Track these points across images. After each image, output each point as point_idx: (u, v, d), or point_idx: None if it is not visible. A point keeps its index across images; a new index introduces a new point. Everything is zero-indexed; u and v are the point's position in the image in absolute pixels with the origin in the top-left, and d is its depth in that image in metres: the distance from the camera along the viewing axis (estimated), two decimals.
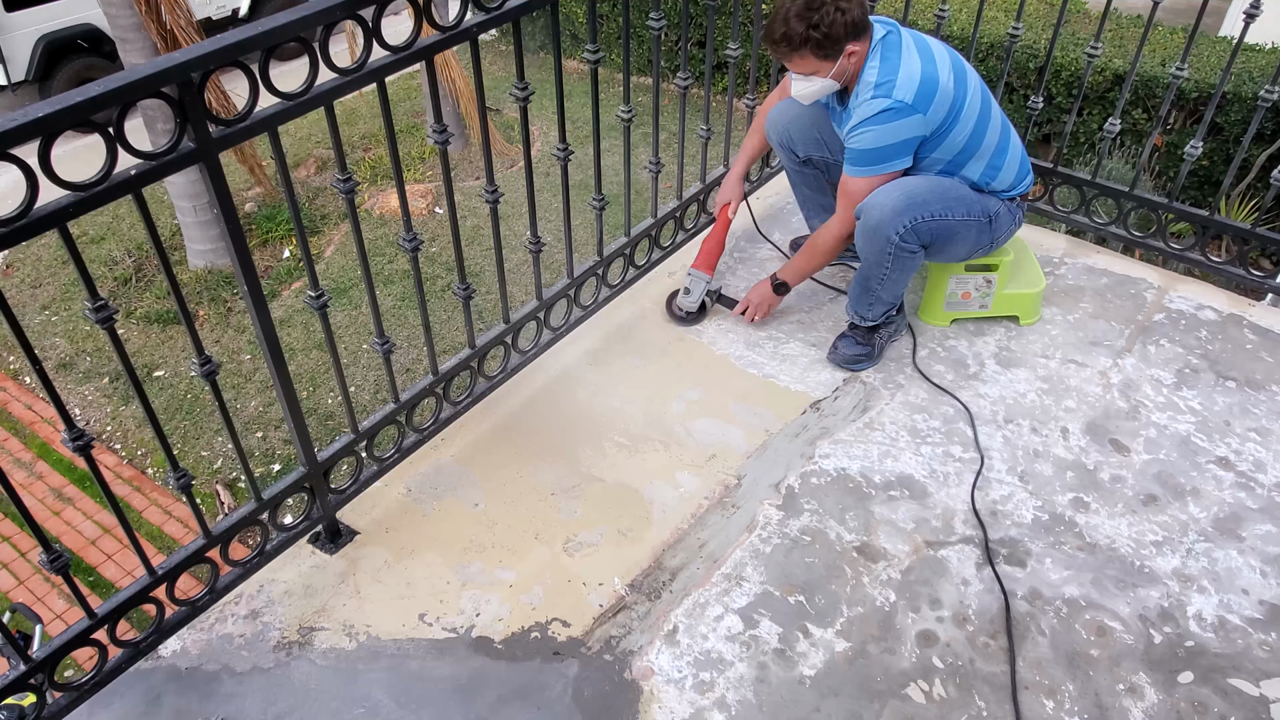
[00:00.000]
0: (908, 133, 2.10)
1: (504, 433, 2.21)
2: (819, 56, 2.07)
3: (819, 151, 2.47)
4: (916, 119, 2.08)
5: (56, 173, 1.24)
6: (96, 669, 1.62)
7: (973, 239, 2.28)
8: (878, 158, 2.14)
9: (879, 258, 2.21)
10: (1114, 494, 2.05)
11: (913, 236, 2.17)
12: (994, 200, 2.27)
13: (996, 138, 2.21)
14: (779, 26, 2.06)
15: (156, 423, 1.57)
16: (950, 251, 2.30)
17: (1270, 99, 2.33)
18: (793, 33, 2.04)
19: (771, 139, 2.52)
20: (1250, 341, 2.45)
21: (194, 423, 5.96)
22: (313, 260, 2.01)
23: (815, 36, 2.03)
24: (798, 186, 2.63)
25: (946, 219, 2.19)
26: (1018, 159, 2.28)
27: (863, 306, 2.33)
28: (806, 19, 2.02)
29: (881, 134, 2.10)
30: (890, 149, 2.12)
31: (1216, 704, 1.67)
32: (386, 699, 1.67)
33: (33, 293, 7.10)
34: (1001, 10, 7.20)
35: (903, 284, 2.29)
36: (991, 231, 2.29)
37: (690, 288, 2.49)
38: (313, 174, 8.15)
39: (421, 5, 1.55)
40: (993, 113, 2.20)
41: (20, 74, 8.70)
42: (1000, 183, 2.26)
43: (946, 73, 2.10)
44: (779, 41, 2.07)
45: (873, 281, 2.27)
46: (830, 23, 2.01)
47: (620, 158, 6.62)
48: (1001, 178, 2.25)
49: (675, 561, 1.91)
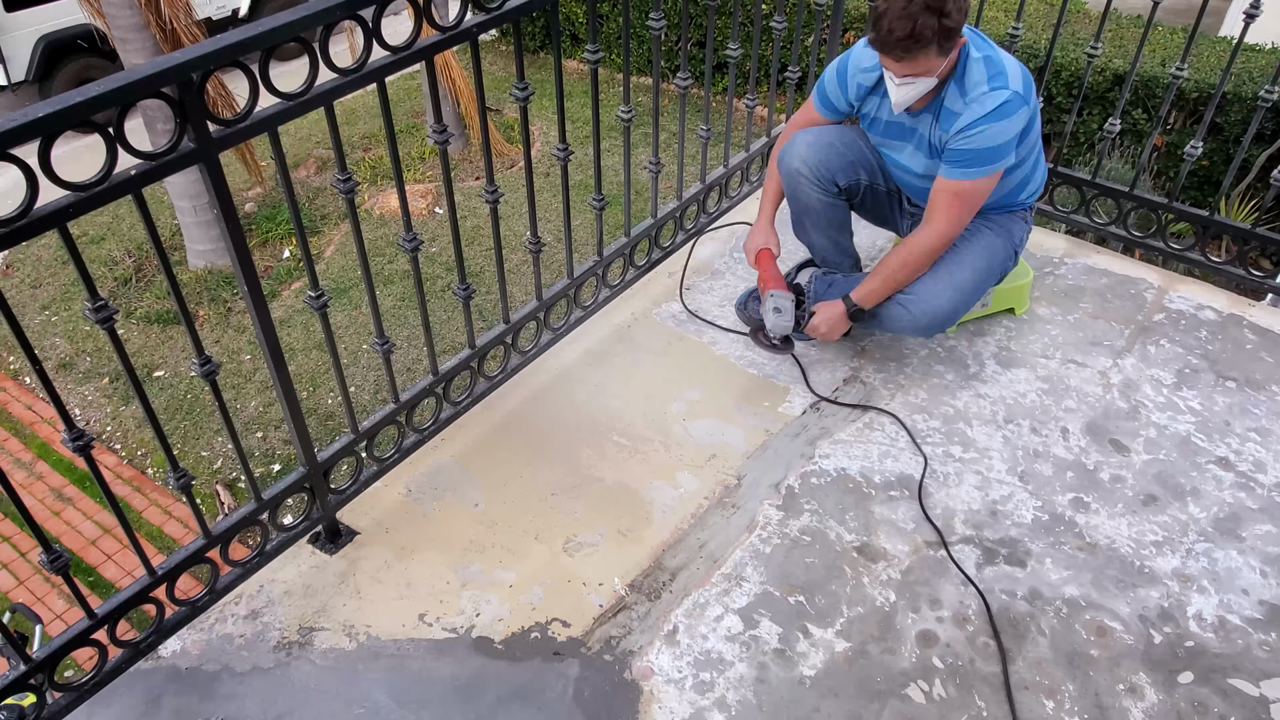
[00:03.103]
0: (1019, 125, 1.97)
1: (504, 433, 2.21)
2: (941, 51, 1.86)
3: (856, 176, 2.30)
4: (1024, 111, 1.96)
5: (56, 173, 1.24)
6: (96, 669, 1.62)
7: (1001, 276, 2.32)
8: (994, 156, 1.98)
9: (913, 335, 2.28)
10: (1114, 494, 2.05)
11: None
12: (1018, 223, 2.27)
13: (1040, 140, 2.19)
14: (901, 24, 1.80)
15: (156, 423, 1.57)
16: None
17: (1270, 99, 2.33)
18: (923, 29, 1.79)
19: (803, 174, 2.26)
20: (1250, 341, 2.45)
21: (194, 423, 5.96)
22: (313, 260, 2.01)
23: (948, 26, 1.80)
24: (824, 229, 2.38)
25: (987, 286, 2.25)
26: (1042, 167, 2.28)
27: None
28: (937, 10, 1.78)
29: (1001, 129, 1.95)
30: (1006, 145, 1.98)
31: (1216, 704, 1.67)
32: (386, 699, 1.67)
33: (33, 293, 7.10)
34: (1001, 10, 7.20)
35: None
36: (1015, 258, 2.31)
37: (780, 306, 2.19)
38: (313, 174, 8.15)
39: (421, 5, 1.55)
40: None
41: (20, 74, 8.71)
42: (1033, 189, 2.24)
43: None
44: (905, 40, 1.82)
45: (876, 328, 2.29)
46: (958, 9, 1.81)
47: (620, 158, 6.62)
48: (1036, 180, 2.24)
49: (675, 561, 1.91)
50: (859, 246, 2.55)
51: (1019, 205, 2.25)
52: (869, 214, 2.44)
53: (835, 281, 2.38)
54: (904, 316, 2.17)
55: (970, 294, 2.18)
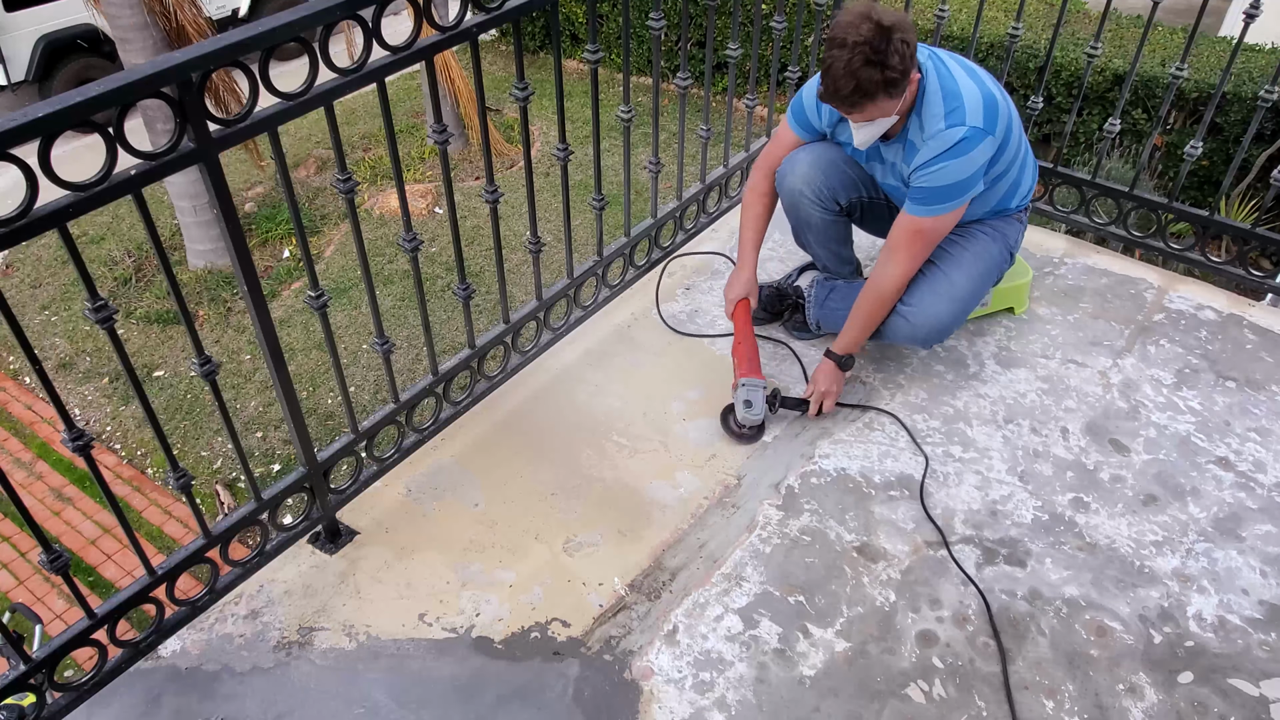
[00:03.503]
0: (982, 158, 1.98)
1: (504, 433, 2.21)
2: (891, 96, 1.89)
3: (857, 193, 2.29)
4: (988, 142, 1.97)
5: (56, 173, 1.24)
6: (96, 669, 1.62)
7: (999, 278, 2.33)
8: (954, 192, 2.00)
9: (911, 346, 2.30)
10: (1114, 494, 2.05)
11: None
12: (1013, 225, 2.27)
13: (1026, 145, 2.20)
14: (846, 82, 1.85)
15: (156, 423, 1.57)
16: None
17: (1270, 99, 2.33)
18: (867, 83, 1.84)
19: (805, 195, 2.26)
20: (1250, 341, 2.45)
21: (194, 423, 5.96)
22: (313, 260, 2.01)
23: (891, 77, 1.85)
24: (824, 243, 2.38)
25: (984, 291, 2.26)
26: (1032, 163, 2.28)
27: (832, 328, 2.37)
28: (878, 63, 1.83)
29: (960, 166, 1.96)
30: (967, 181, 1.99)
31: (1216, 704, 1.67)
32: (386, 699, 1.67)
33: (33, 293, 7.10)
34: (1001, 10, 7.20)
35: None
36: (1011, 258, 2.31)
37: (750, 400, 2.14)
38: (313, 174, 8.15)
39: (421, 5, 1.55)
40: (1019, 120, 2.15)
41: (20, 74, 8.71)
42: (1023, 194, 2.25)
43: (991, 85, 2.02)
44: (851, 96, 1.87)
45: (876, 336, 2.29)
46: (901, 57, 1.84)
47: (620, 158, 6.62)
48: (1025, 185, 2.24)
49: (675, 561, 1.91)
50: (859, 248, 2.55)
51: (1011, 210, 2.26)
52: (868, 225, 2.44)
53: (836, 288, 2.39)
54: (904, 327, 2.18)
55: (968, 302, 2.20)
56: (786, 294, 2.50)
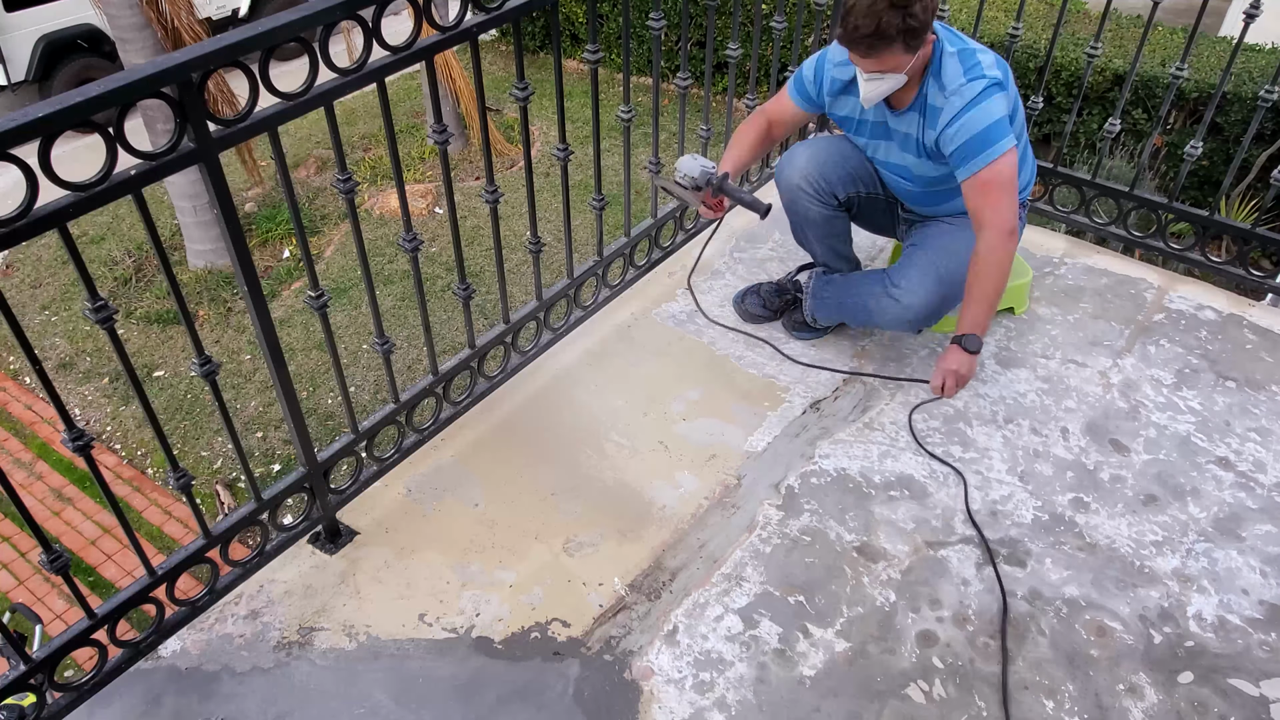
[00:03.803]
0: (999, 110, 1.95)
1: (504, 433, 2.21)
2: (907, 49, 1.87)
3: (855, 189, 2.30)
4: (1001, 96, 1.95)
5: (56, 173, 1.24)
6: (96, 669, 1.62)
7: None
8: (991, 137, 1.94)
9: (901, 330, 2.27)
10: (1114, 494, 2.05)
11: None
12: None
13: (1026, 138, 2.19)
14: (866, 21, 1.82)
15: (156, 423, 1.57)
16: None
17: (1270, 99, 2.33)
18: (887, 26, 1.81)
19: (804, 190, 2.26)
20: (1250, 341, 2.45)
21: (194, 423, 5.96)
22: (313, 260, 2.01)
23: (912, 25, 1.82)
24: (824, 239, 2.37)
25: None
26: (1031, 159, 2.28)
27: (827, 319, 2.37)
28: (902, 7, 1.80)
29: (986, 111, 1.93)
30: (998, 124, 1.94)
31: (1216, 704, 1.67)
32: (386, 699, 1.67)
33: (33, 293, 7.10)
34: (1001, 10, 7.20)
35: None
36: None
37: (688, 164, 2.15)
38: (313, 174, 8.15)
39: (421, 5, 1.55)
40: (1022, 111, 2.15)
41: (20, 74, 8.70)
42: (1022, 185, 2.22)
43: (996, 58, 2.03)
44: (869, 36, 1.84)
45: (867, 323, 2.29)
46: (924, 8, 1.81)
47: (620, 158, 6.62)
48: (1023, 178, 2.22)
49: (675, 561, 1.91)
50: (859, 248, 2.55)
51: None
52: (866, 223, 2.44)
53: (834, 280, 2.39)
54: (893, 308, 2.18)
55: (958, 285, 2.12)
56: (786, 289, 2.51)
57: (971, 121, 1.95)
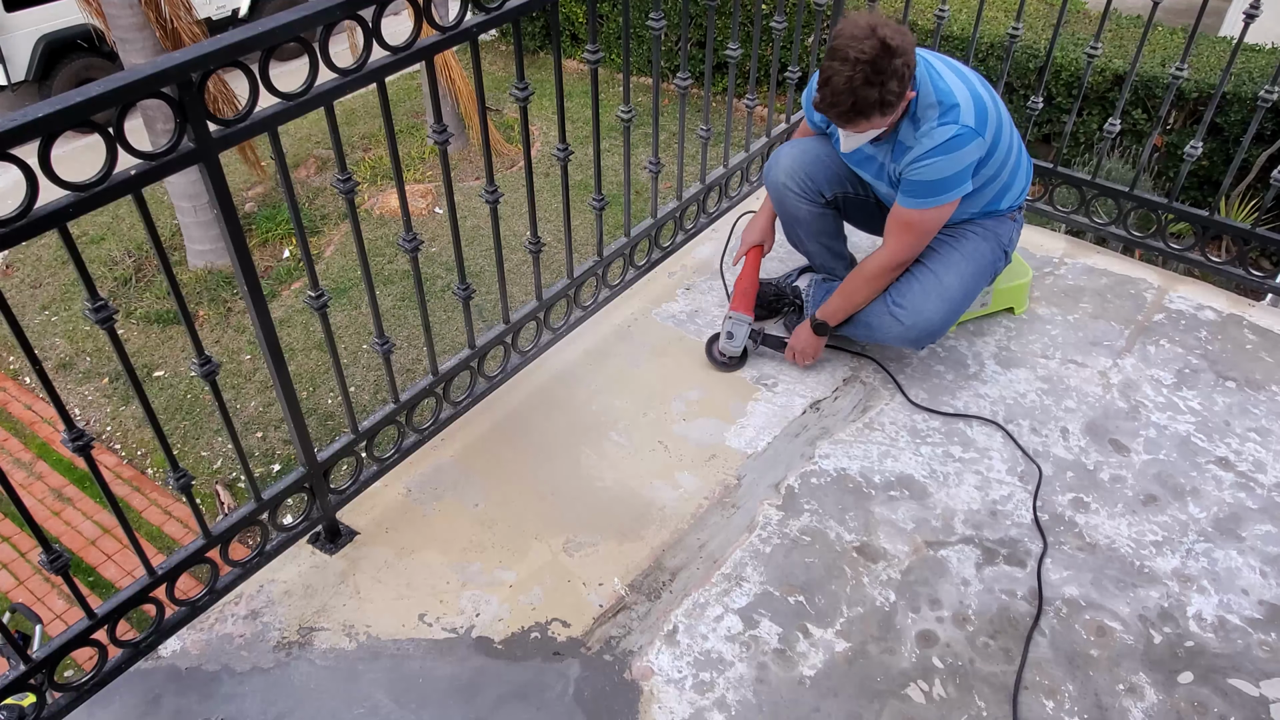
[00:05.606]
0: (971, 158, 2.01)
1: (504, 433, 2.21)
2: (884, 115, 1.94)
3: (842, 188, 2.35)
4: (978, 143, 2.00)
5: (56, 173, 1.24)
6: (96, 669, 1.62)
7: (993, 277, 2.33)
8: (944, 187, 2.04)
9: (905, 347, 2.29)
10: (1114, 494, 2.05)
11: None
12: (1005, 224, 2.27)
13: (1019, 147, 2.21)
14: (845, 99, 1.89)
15: (156, 423, 1.57)
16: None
17: (1270, 99, 2.33)
18: (863, 103, 1.89)
19: (790, 188, 2.33)
20: (1250, 341, 2.45)
21: (194, 423, 5.96)
22: (313, 260, 2.01)
23: (888, 99, 1.89)
24: (815, 237, 2.43)
25: (976, 291, 2.26)
26: (1025, 165, 2.28)
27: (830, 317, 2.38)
28: (877, 84, 1.86)
29: (949, 162, 2.00)
30: (956, 176, 2.02)
31: (1216, 704, 1.67)
32: (386, 699, 1.67)
33: (33, 293, 7.10)
34: (1001, 10, 7.21)
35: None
36: (1006, 257, 2.31)
37: (733, 332, 2.32)
38: (313, 174, 8.15)
39: (421, 5, 1.55)
40: (1010, 123, 2.17)
41: (20, 74, 8.71)
42: (1014, 195, 2.25)
43: (981, 89, 2.05)
44: (847, 113, 1.92)
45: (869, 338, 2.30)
46: (899, 81, 1.88)
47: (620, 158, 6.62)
48: (1017, 188, 2.24)
49: (675, 561, 1.91)
50: (855, 247, 2.55)
51: (1003, 211, 2.26)
52: (856, 221, 2.46)
53: (833, 288, 2.39)
54: (895, 327, 2.19)
55: (960, 302, 2.20)
56: (785, 293, 2.51)
57: (938, 166, 2.01)
